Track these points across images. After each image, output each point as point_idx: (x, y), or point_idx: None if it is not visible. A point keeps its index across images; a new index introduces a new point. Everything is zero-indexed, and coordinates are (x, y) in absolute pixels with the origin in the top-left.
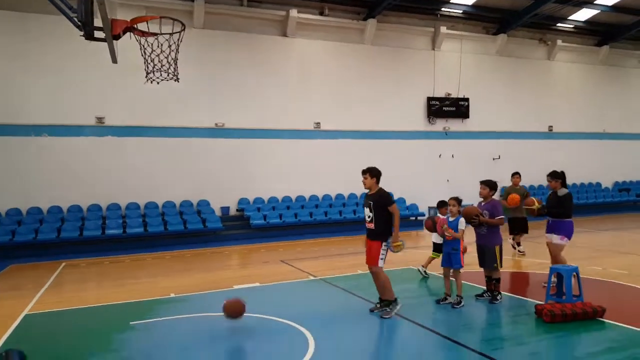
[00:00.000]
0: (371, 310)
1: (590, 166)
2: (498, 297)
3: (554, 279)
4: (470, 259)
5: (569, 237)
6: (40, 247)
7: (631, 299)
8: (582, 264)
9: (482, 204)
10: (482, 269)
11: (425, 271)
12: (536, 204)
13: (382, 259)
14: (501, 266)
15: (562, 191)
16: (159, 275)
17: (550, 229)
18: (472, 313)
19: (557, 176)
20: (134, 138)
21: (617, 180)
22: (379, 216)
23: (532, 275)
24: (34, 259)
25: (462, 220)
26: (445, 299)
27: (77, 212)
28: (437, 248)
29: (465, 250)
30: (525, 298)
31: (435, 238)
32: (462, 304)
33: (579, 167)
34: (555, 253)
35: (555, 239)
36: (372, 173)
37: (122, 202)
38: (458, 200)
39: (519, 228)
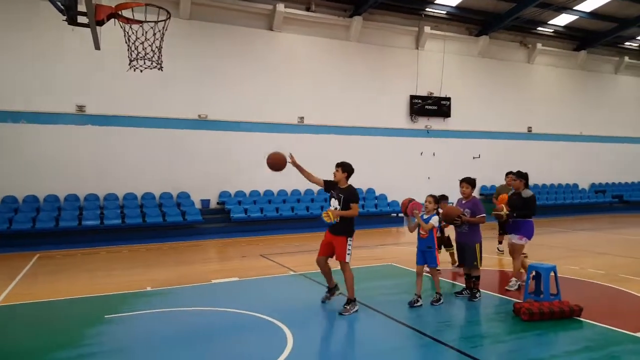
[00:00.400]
0: (322, 301)
1: (567, 167)
2: (477, 295)
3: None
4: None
5: (529, 237)
6: (14, 237)
7: (608, 298)
8: (559, 263)
9: (463, 202)
10: (462, 266)
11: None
12: (505, 209)
13: (348, 254)
14: (481, 264)
15: (527, 192)
16: (136, 268)
17: (510, 229)
18: (451, 311)
19: (521, 176)
20: (114, 127)
21: (594, 182)
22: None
23: (510, 274)
24: (8, 250)
25: (435, 218)
26: (417, 301)
27: (54, 202)
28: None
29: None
30: (503, 296)
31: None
32: (441, 301)
33: (557, 168)
34: (513, 252)
35: (515, 238)
36: (344, 168)
37: (101, 192)
38: (435, 198)
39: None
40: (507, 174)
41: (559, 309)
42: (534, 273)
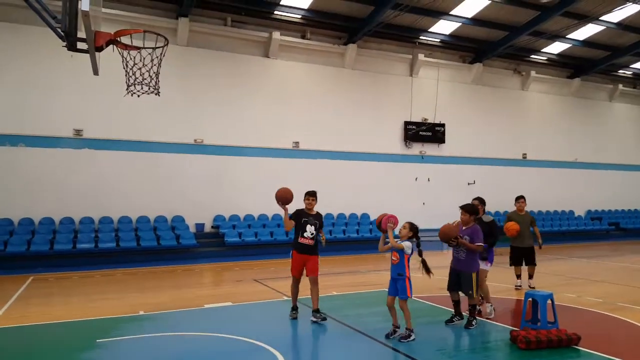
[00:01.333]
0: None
1: (563, 194)
2: (473, 323)
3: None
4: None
5: (491, 262)
6: (8, 259)
7: (605, 327)
8: (557, 291)
9: (463, 228)
10: (451, 292)
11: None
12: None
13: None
14: (477, 293)
15: (487, 217)
16: (129, 291)
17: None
18: (447, 338)
19: (482, 202)
20: (111, 151)
21: (589, 209)
22: (318, 235)
23: (507, 301)
24: (1, 272)
25: (408, 244)
26: (395, 331)
27: (49, 224)
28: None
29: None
30: (499, 324)
31: None
32: (413, 337)
33: (552, 194)
34: (480, 279)
35: (481, 264)
36: (316, 197)
37: (96, 215)
38: (412, 225)
39: (521, 259)
40: (517, 198)
41: (556, 338)
42: (531, 300)
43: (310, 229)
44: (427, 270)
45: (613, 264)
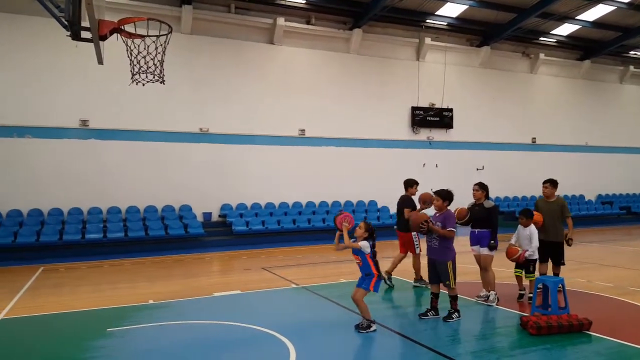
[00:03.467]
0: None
1: (573, 179)
2: (454, 316)
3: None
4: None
5: (496, 248)
6: (18, 250)
7: (617, 311)
8: (567, 276)
9: (436, 215)
10: (432, 285)
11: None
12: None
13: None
14: (454, 283)
15: (489, 203)
16: (138, 281)
17: (476, 241)
18: (457, 324)
19: (482, 187)
20: (117, 141)
21: (600, 193)
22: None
23: (514, 287)
24: (12, 263)
25: (365, 243)
26: (370, 326)
27: (58, 215)
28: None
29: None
30: (509, 310)
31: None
32: (373, 328)
33: (562, 179)
34: (485, 265)
35: (484, 250)
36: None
37: (104, 206)
38: (367, 225)
39: (546, 256)
40: (545, 182)
41: (567, 323)
42: (541, 286)
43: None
44: (379, 270)
45: (624, 248)
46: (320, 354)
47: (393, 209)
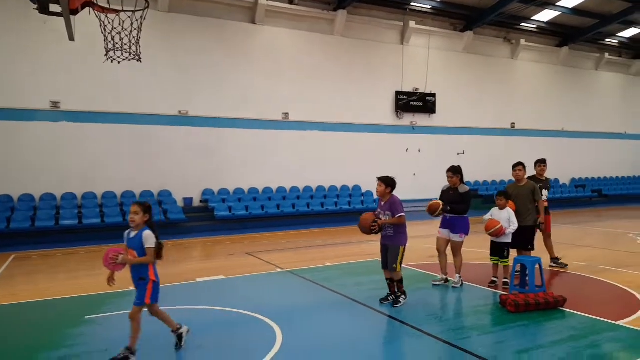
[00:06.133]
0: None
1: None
2: (401, 300)
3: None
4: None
5: (467, 233)
6: None
7: (590, 289)
8: (544, 256)
9: (382, 203)
10: (385, 270)
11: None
12: (441, 206)
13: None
14: (400, 267)
15: (463, 187)
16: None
17: (447, 225)
18: (438, 304)
19: (457, 172)
20: (91, 124)
21: (574, 177)
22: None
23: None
24: None
25: (147, 233)
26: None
27: (29, 201)
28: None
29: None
30: (488, 289)
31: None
32: (184, 339)
33: None
34: (455, 250)
35: (455, 237)
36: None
37: (78, 191)
38: (144, 206)
39: (518, 240)
40: (517, 165)
41: (544, 300)
42: (519, 266)
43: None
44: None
45: (596, 229)
46: (307, 335)
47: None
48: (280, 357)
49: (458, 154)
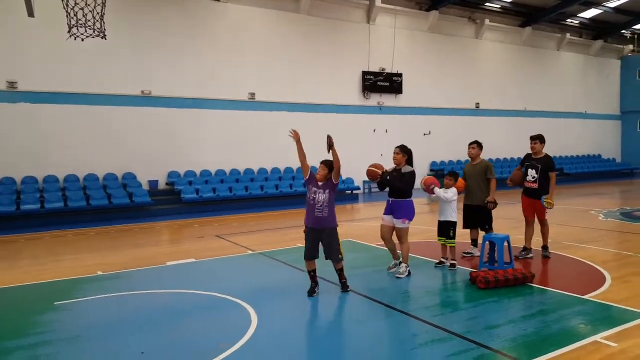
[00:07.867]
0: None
1: (513, 142)
2: (348, 285)
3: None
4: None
5: (410, 219)
6: None
7: (556, 265)
8: (511, 233)
9: (320, 184)
10: (308, 261)
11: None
12: (381, 171)
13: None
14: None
15: (407, 168)
16: (84, 252)
17: (389, 210)
18: (411, 282)
19: (404, 151)
20: (50, 105)
21: None
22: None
23: (457, 245)
24: None
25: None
26: None
27: None
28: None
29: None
30: (459, 266)
31: (441, 215)
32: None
33: (503, 143)
34: (400, 237)
35: (398, 223)
36: (542, 140)
37: (39, 175)
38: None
39: (473, 220)
40: (471, 143)
41: (513, 277)
42: (488, 243)
43: (531, 173)
44: None
45: (559, 207)
46: (281, 316)
47: (345, 174)
48: (256, 338)
49: (424, 134)
